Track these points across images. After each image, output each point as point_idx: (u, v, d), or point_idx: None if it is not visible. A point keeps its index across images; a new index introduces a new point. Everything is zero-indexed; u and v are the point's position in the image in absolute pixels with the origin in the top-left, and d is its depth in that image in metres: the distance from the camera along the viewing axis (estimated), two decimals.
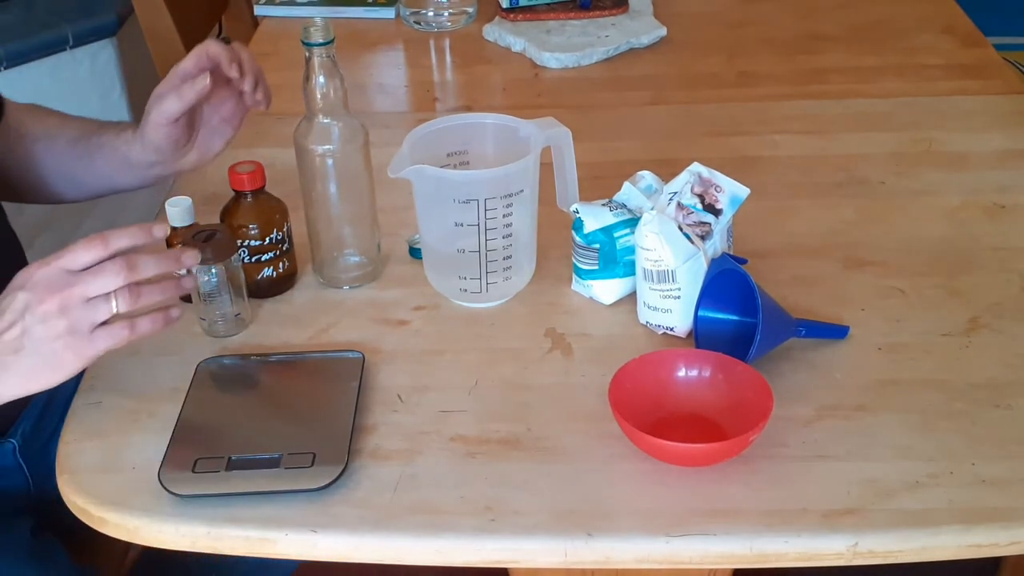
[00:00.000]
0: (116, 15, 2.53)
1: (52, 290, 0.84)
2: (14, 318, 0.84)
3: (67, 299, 0.84)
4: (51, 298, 0.83)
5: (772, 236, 1.13)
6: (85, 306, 0.84)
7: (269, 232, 1.04)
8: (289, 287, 1.08)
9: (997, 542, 0.80)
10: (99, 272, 0.85)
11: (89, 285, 0.84)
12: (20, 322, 0.84)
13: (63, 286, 0.84)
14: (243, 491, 0.84)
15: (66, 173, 1.15)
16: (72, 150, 1.14)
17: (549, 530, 0.81)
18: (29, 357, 0.85)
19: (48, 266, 0.85)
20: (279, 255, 1.06)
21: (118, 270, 0.85)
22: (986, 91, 1.41)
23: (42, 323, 0.84)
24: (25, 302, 0.84)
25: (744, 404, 0.87)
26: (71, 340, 0.84)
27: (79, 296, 0.84)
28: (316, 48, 0.98)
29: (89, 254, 0.85)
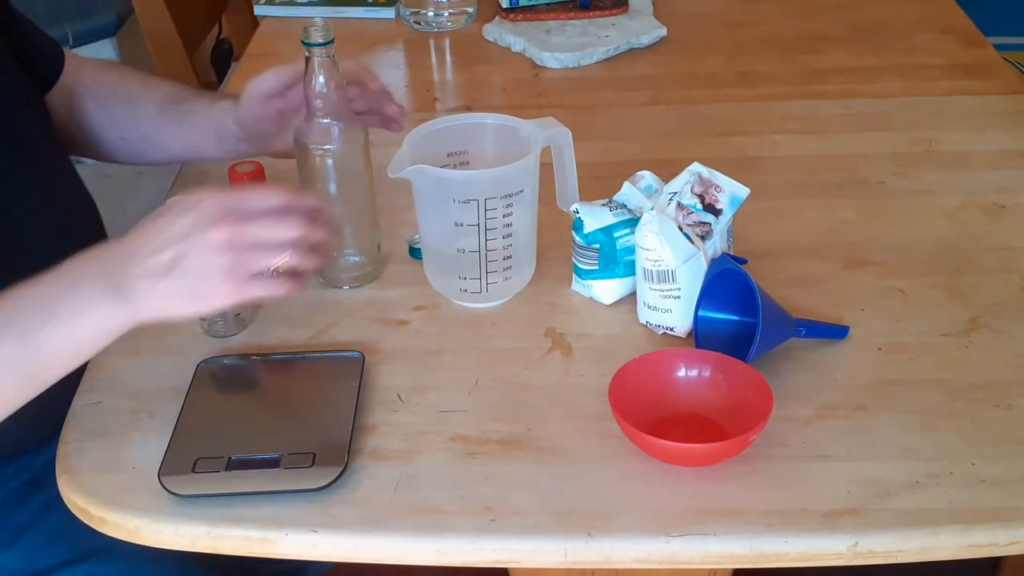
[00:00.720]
0: (116, 15, 2.52)
1: (226, 222, 0.80)
2: (173, 239, 0.81)
3: (238, 236, 0.81)
4: (221, 229, 0.80)
5: (772, 236, 1.13)
6: (251, 250, 0.82)
7: None
8: None
9: (997, 542, 0.80)
10: (279, 222, 0.82)
11: (263, 231, 0.82)
12: (181, 243, 0.80)
13: (238, 222, 0.81)
14: (243, 491, 0.84)
15: (151, 136, 1.15)
16: (160, 115, 1.14)
17: (549, 530, 0.81)
18: (180, 282, 0.81)
19: (226, 198, 0.82)
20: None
21: (296, 225, 0.82)
22: (986, 91, 1.41)
23: (205, 251, 0.80)
24: (189, 227, 0.80)
25: (744, 404, 0.87)
26: (227, 278, 0.81)
27: (252, 238, 0.81)
28: (316, 48, 0.98)
29: (275, 200, 0.83)
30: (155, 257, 0.81)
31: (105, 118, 1.17)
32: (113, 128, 1.17)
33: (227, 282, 0.81)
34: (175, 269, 0.80)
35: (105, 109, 1.17)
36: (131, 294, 0.82)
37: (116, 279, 0.82)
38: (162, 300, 0.82)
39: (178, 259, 0.80)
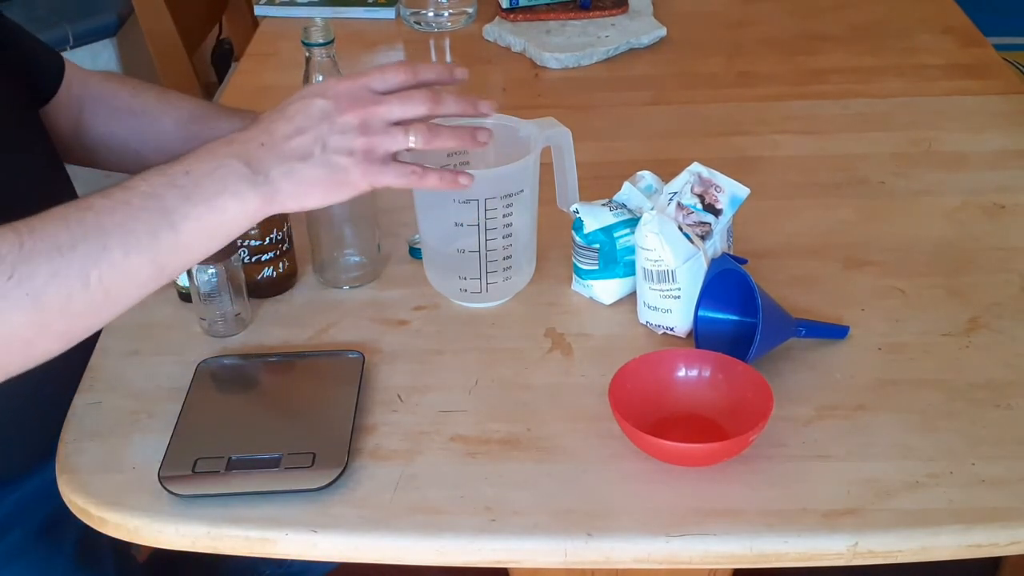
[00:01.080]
0: (116, 15, 2.52)
1: (357, 104, 0.81)
2: (307, 124, 0.80)
3: (371, 116, 0.81)
4: (355, 111, 0.81)
5: (772, 236, 1.13)
6: (386, 129, 0.82)
7: (269, 232, 1.04)
8: (289, 287, 1.08)
9: (997, 542, 0.80)
10: (406, 98, 0.82)
11: (394, 108, 0.82)
12: (315, 129, 0.80)
13: (368, 102, 0.81)
14: (243, 491, 0.84)
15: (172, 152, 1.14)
16: (181, 132, 1.14)
17: (549, 530, 0.81)
18: (317, 167, 0.80)
19: (353, 81, 0.82)
20: (279, 255, 1.06)
21: (424, 99, 0.83)
22: (986, 91, 1.41)
23: (341, 134, 0.80)
24: (325, 111, 0.80)
25: (744, 404, 0.87)
26: (364, 160, 0.81)
27: (383, 116, 0.81)
28: (316, 48, 0.98)
29: (397, 77, 0.83)
30: (292, 141, 0.80)
31: (117, 131, 1.16)
32: (126, 141, 1.16)
33: (361, 166, 0.81)
34: (313, 155, 0.80)
35: (118, 122, 1.16)
36: (269, 179, 0.80)
37: (255, 165, 0.80)
38: (300, 187, 0.81)
39: (315, 143, 0.80)
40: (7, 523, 1.06)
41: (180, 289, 1.06)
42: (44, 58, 1.16)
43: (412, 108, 0.83)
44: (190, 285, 1.00)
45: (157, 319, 1.04)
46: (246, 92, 1.52)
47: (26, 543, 1.06)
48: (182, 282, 1.05)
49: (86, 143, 1.17)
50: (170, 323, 1.03)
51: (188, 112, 1.15)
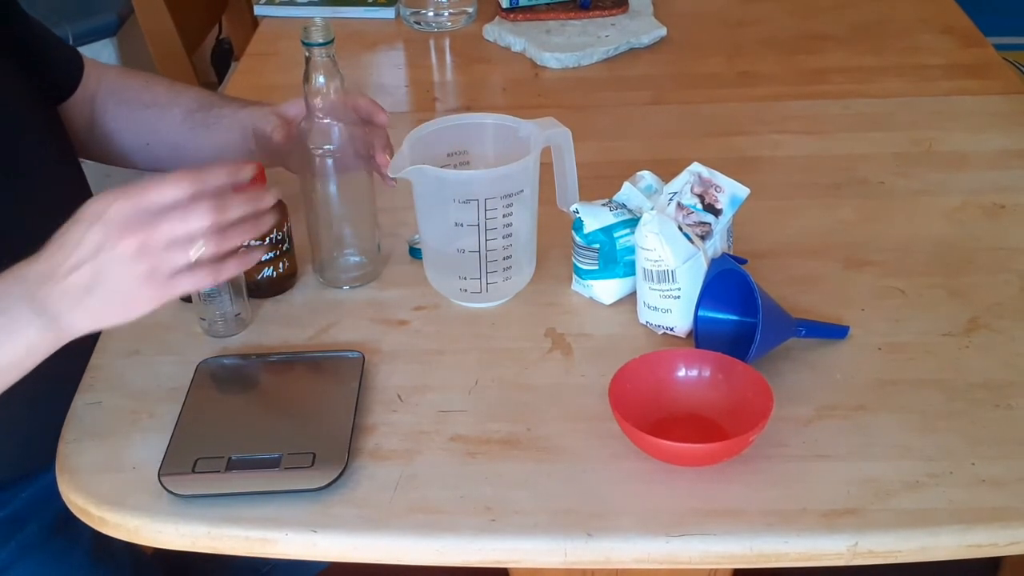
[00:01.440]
0: (116, 15, 2.52)
1: (132, 230, 0.78)
2: (85, 255, 0.78)
3: (149, 241, 0.78)
4: (130, 238, 0.78)
5: (772, 236, 1.13)
6: (168, 249, 0.79)
7: (269, 232, 1.04)
8: (289, 287, 1.08)
9: (997, 542, 0.80)
10: (187, 213, 0.79)
11: (174, 227, 0.79)
12: (92, 260, 0.78)
13: (144, 226, 0.78)
14: (243, 491, 0.84)
15: (177, 143, 1.15)
16: (187, 121, 1.15)
17: (549, 530, 0.81)
18: (102, 296, 0.79)
19: (128, 201, 0.78)
20: (279, 255, 1.06)
21: (207, 211, 0.79)
22: (986, 91, 1.41)
23: (119, 264, 0.78)
24: (99, 242, 0.78)
25: (744, 404, 0.87)
26: (148, 283, 0.79)
27: (163, 238, 0.78)
28: (316, 48, 0.98)
29: (176, 191, 0.79)
30: (74, 275, 0.79)
31: (129, 124, 1.17)
32: (138, 135, 1.17)
33: (149, 287, 0.80)
34: (96, 286, 0.79)
35: (129, 115, 1.17)
36: (57, 315, 0.81)
37: (40, 302, 0.80)
38: (88, 316, 0.81)
39: (96, 275, 0.79)
40: (24, 516, 1.06)
41: None
42: (64, 54, 1.17)
43: (194, 225, 0.79)
44: None
45: (157, 319, 1.03)
46: (246, 92, 1.51)
47: (43, 536, 1.06)
48: None
49: (99, 138, 1.18)
50: (170, 323, 1.03)
51: (195, 101, 1.16)
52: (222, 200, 0.81)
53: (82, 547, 1.08)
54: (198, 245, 0.80)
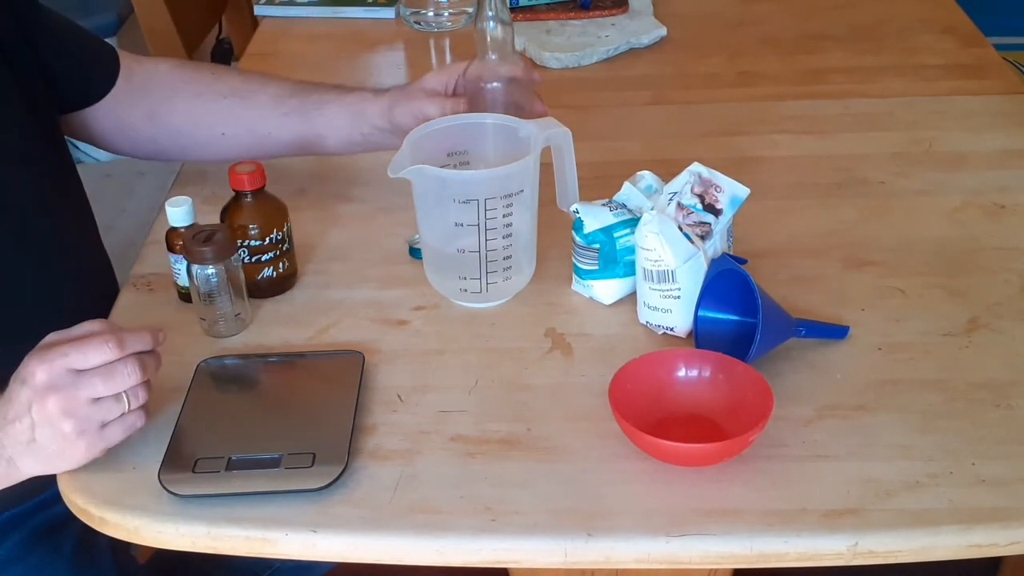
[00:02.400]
0: (116, 15, 2.52)
1: (56, 392, 0.81)
2: (20, 412, 0.82)
3: (72, 402, 0.81)
4: (53, 400, 0.81)
5: (772, 236, 1.13)
6: (93, 407, 0.82)
7: (269, 232, 1.04)
8: (289, 287, 1.08)
9: (997, 542, 0.80)
10: (111, 375, 0.82)
11: (99, 387, 0.82)
12: (26, 417, 0.82)
13: (67, 387, 0.81)
14: (243, 491, 0.84)
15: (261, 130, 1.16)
16: (277, 107, 1.15)
17: (549, 530, 0.81)
18: (41, 449, 0.83)
19: (51, 364, 0.81)
20: (279, 255, 1.06)
21: (131, 372, 0.82)
22: (986, 91, 1.41)
23: (48, 425, 0.82)
24: (28, 401, 0.82)
25: (744, 404, 0.87)
26: (81, 437, 0.82)
27: (85, 398, 0.81)
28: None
29: (100, 356, 0.81)
30: (15, 426, 0.83)
31: (205, 116, 1.16)
32: (213, 126, 1.16)
33: (81, 441, 0.83)
34: (34, 439, 0.83)
35: (204, 108, 1.16)
36: (9, 458, 0.85)
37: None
38: (35, 463, 0.85)
39: (31, 430, 0.82)
40: (5, 528, 1.06)
41: (180, 289, 1.06)
42: (95, 54, 1.15)
43: (119, 384, 0.82)
44: (190, 285, 1.00)
45: (157, 319, 1.04)
46: None
47: (24, 548, 1.06)
48: (182, 282, 1.05)
49: (161, 133, 1.17)
50: (170, 323, 1.03)
51: (282, 88, 1.17)
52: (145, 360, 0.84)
53: (64, 557, 1.09)
54: (125, 401, 0.83)
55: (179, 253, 1.03)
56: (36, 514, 1.07)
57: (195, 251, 0.98)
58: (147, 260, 1.13)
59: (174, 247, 1.04)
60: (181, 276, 1.05)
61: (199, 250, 0.97)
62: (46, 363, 0.81)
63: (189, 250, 0.98)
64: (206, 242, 0.97)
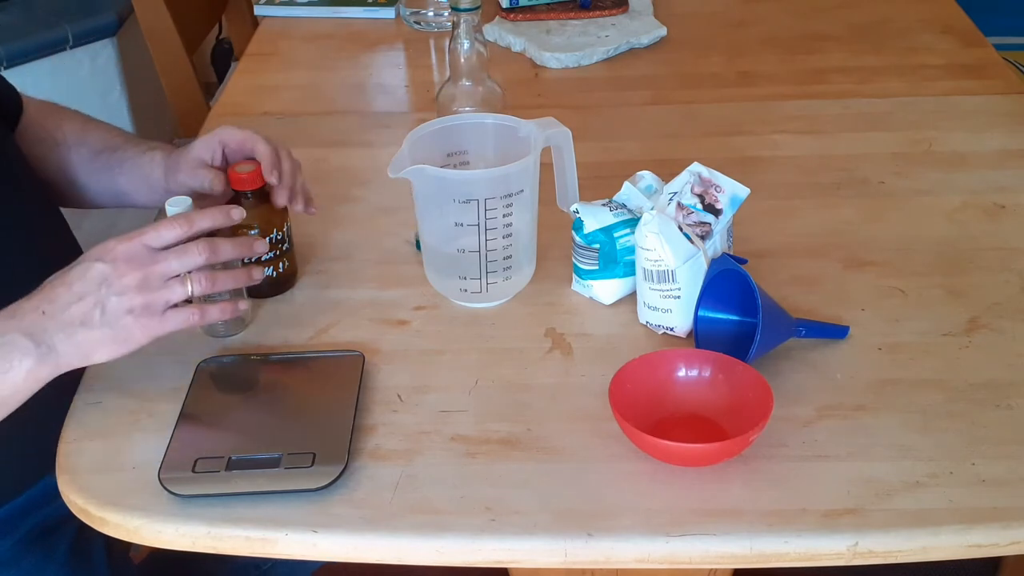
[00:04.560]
0: (116, 15, 2.52)
1: (135, 265, 0.85)
2: (87, 289, 0.85)
3: (148, 275, 0.86)
4: (133, 272, 0.85)
5: (772, 236, 1.13)
6: (164, 285, 0.87)
7: (269, 232, 1.04)
8: (289, 287, 1.08)
9: (997, 542, 0.80)
10: (182, 253, 0.87)
11: (171, 264, 0.87)
12: (94, 294, 0.85)
13: (146, 262, 0.86)
14: (243, 491, 0.84)
15: (82, 182, 1.15)
16: (93, 162, 1.14)
17: (549, 530, 0.81)
18: (98, 329, 0.85)
19: (131, 241, 0.86)
20: (279, 255, 1.06)
21: (200, 251, 0.88)
22: (986, 91, 1.41)
23: (119, 296, 0.85)
24: (103, 275, 0.85)
25: (744, 404, 0.87)
26: (144, 316, 0.86)
27: (160, 273, 0.86)
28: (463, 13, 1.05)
29: (173, 232, 0.87)
30: (72, 308, 0.85)
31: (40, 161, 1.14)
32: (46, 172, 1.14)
33: (142, 319, 0.86)
34: (94, 319, 0.85)
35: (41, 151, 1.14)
36: (53, 348, 0.85)
37: (38, 336, 0.85)
38: (83, 349, 0.86)
39: (95, 307, 0.85)
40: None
41: None
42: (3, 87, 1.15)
43: (190, 261, 0.88)
44: None
45: None
46: (246, 92, 1.52)
47: (17, 551, 1.06)
48: None
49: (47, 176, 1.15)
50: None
51: (101, 141, 1.14)
52: (216, 244, 0.89)
53: (57, 560, 1.08)
54: (190, 285, 0.88)
55: None
56: (28, 516, 1.07)
57: None
58: None
59: None
60: None
61: None
62: (125, 241, 0.86)
63: None
64: None
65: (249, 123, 1.10)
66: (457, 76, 1.11)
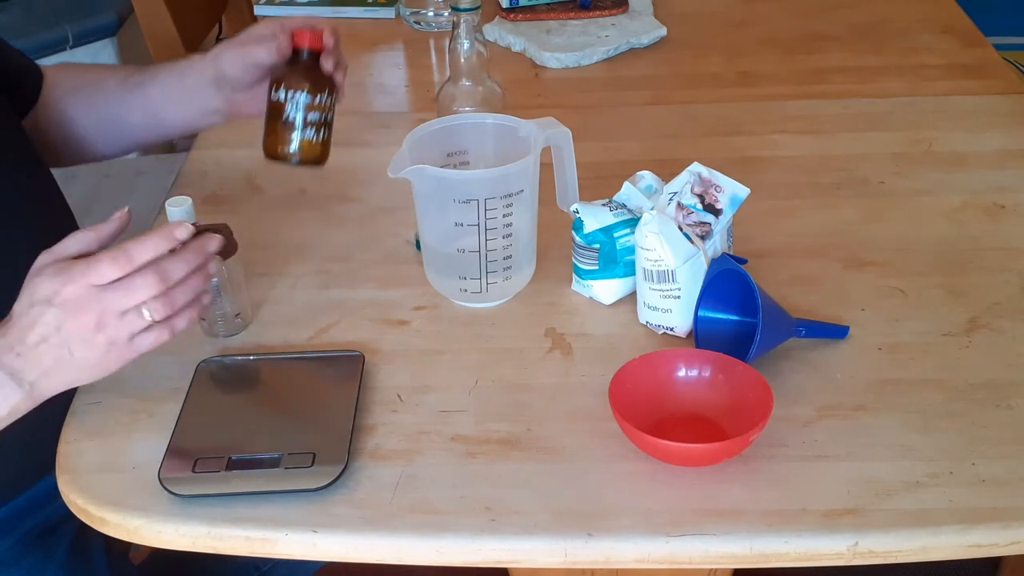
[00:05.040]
0: (116, 15, 2.52)
1: (84, 309, 0.83)
2: (48, 332, 0.84)
3: (101, 316, 0.84)
4: (85, 316, 0.83)
5: (772, 236, 1.13)
6: (121, 320, 0.84)
7: (320, 92, 1.04)
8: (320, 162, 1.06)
9: (997, 542, 0.80)
10: (130, 287, 0.84)
11: (122, 300, 0.84)
12: (55, 336, 0.84)
13: (95, 304, 0.83)
14: (243, 491, 0.84)
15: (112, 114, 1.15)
16: (120, 88, 1.14)
17: (549, 530, 0.81)
18: (71, 364, 0.85)
19: (75, 284, 0.83)
20: (322, 121, 1.05)
21: (150, 283, 0.84)
22: (986, 91, 1.41)
23: (82, 341, 0.84)
24: (58, 319, 0.83)
25: (744, 404, 0.87)
26: (112, 350, 0.85)
27: (113, 312, 0.84)
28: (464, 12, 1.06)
29: (113, 271, 0.84)
30: (40, 348, 0.84)
31: (68, 111, 1.15)
32: (74, 121, 1.15)
33: (112, 353, 0.85)
34: (63, 356, 0.84)
35: (71, 100, 1.16)
36: (33, 384, 0.85)
37: (16, 375, 0.85)
38: (63, 380, 0.86)
39: (61, 347, 0.84)
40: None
41: None
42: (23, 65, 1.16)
43: (140, 295, 0.84)
44: None
45: None
46: None
47: (17, 551, 1.06)
48: None
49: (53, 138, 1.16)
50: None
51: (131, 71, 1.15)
52: (164, 269, 0.85)
53: (57, 560, 1.09)
54: (147, 312, 0.85)
55: None
56: (28, 517, 1.07)
57: None
58: None
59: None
60: None
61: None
62: (71, 282, 0.83)
63: None
64: None
65: (249, 123, 1.10)
66: (457, 76, 1.11)
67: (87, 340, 0.84)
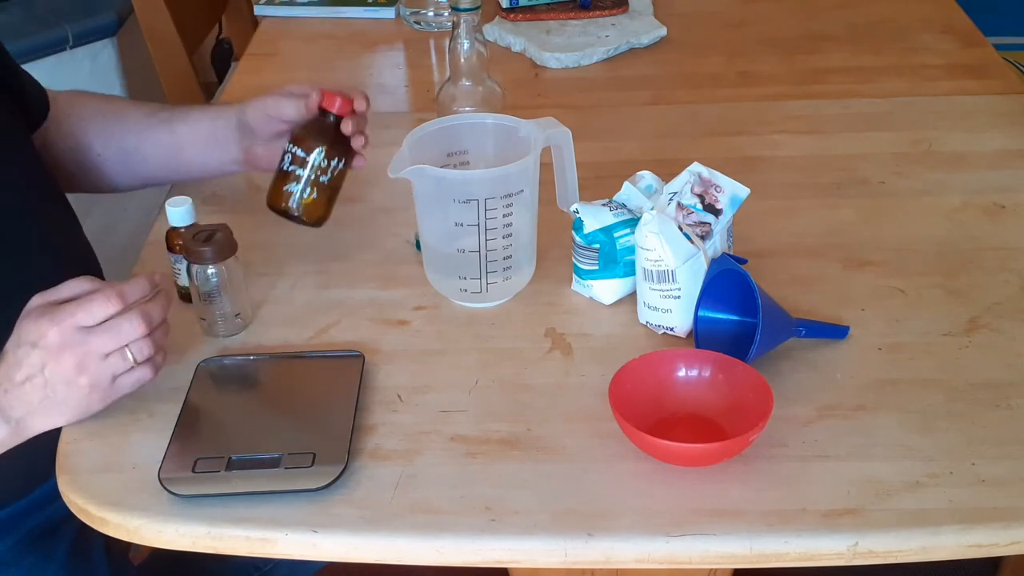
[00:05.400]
0: (116, 15, 2.52)
1: (69, 351, 0.85)
2: (32, 372, 0.86)
3: (85, 358, 0.86)
4: (68, 358, 0.85)
5: (772, 236, 1.13)
6: (103, 362, 0.87)
7: (333, 156, 1.06)
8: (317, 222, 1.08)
9: (997, 542, 0.80)
10: (116, 329, 0.86)
11: (106, 344, 0.86)
12: (40, 376, 0.86)
13: (79, 345, 0.85)
14: (243, 491, 0.84)
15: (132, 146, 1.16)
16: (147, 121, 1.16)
17: (549, 530, 0.81)
18: (54, 404, 0.87)
19: (61, 325, 0.85)
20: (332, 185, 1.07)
21: (134, 326, 0.87)
22: (986, 91, 1.41)
23: (64, 383, 0.86)
24: (42, 360, 0.85)
25: (744, 404, 0.87)
26: (94, 392, 0.87)
27: (96, 355, 0.86)
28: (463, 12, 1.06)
29: (104, 311, 0.86)
30: (26, 387, 0.86)
31: (85, 137, 1.16)
32: (91, 148, 1.16)
33: (95, 393, 0.88)
34: (48, 396, 0.87)
35: (88, 127, 1.16)
36: (20, 420, 0.88)
37: (4, 412, 0.87)
38: (44, 418, 0.88)
39: (45, 387, 0.86)
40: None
41: (180, 289, 1.06)
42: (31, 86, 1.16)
43: (124, 337, 0.87)
44: (190, 285, 1.00)
45: None
46: (246, 92, 1.51)
47: (17, 552, 1.06)
48: (182, 282, 1.05)
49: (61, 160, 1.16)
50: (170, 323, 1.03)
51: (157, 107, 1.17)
52: (148, 312, 0.88)
53: (57, 561, 1.09)
54: (130, 354, 0.88)
55: (179, 253, 1.03)
56: (29, 517, 1.07)
57: (195, 251, 0.98)
58: (147, 260, 1.13)
59: (174, 247, 1.04)
60: (181, 276, 1.05)
61: (199, 250, 0.97)
62: (56, 324, 0.85)
63: (189, 250, 0.98)
64: (206, 242, 0.97)
65: None
66: (457, 76, 1.11)
67: (69, 382, 0.86)
